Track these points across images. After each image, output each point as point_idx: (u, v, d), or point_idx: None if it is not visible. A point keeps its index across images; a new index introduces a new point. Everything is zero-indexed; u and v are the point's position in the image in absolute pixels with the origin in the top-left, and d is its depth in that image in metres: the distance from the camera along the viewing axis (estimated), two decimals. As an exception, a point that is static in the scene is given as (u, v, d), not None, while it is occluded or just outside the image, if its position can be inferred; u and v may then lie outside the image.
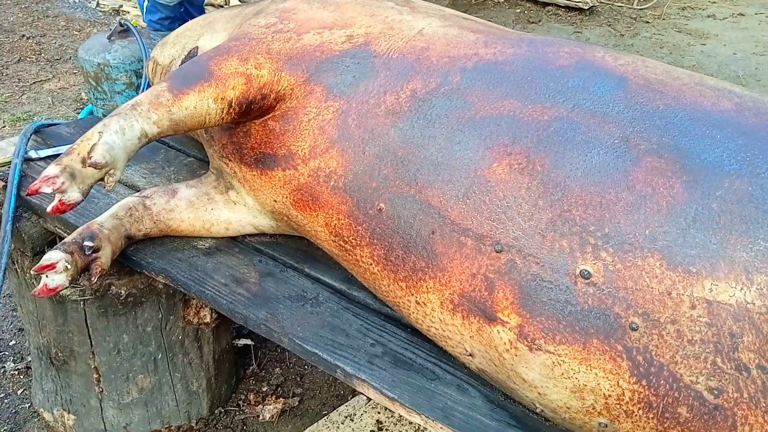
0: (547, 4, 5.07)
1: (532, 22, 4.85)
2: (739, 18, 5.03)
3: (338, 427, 1.74)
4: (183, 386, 1.66)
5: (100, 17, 4.62)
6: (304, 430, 1.73)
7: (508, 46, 1.12)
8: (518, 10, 5.08)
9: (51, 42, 4.20)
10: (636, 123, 0.94)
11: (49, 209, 1.05)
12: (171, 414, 1.67)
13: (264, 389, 1.88)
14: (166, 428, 1.69)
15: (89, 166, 1.06)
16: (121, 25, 2.67)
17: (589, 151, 0.92)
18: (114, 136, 1.09)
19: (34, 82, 3.65)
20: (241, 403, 1.83)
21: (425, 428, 1.68)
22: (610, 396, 0.85)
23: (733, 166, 0.87)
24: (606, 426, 0.89)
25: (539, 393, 0.92)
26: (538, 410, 0.97)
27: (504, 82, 1.05)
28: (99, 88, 2.70)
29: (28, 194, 1.05)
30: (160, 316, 1.53)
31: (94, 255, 1.20)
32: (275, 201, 1.24)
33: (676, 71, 1.05)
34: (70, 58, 3.95)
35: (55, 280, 1.15)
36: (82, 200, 1.08)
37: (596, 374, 0.85)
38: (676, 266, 0.82)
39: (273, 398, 1.85)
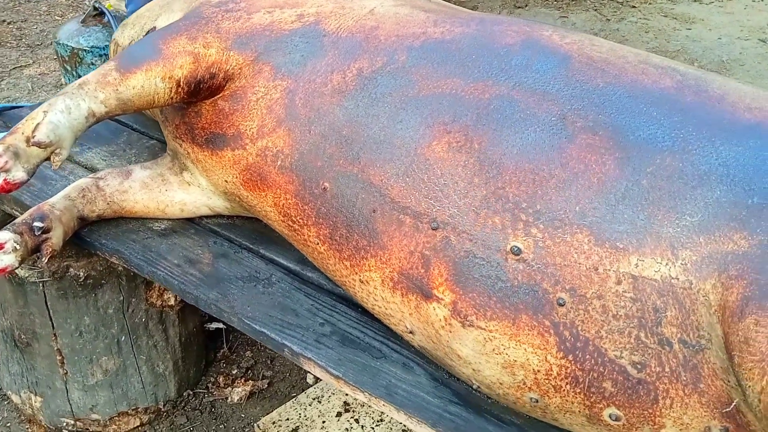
0: (534, -11, 5.04)
1: (519, 7, 4.82)
2: (725, 2, 5.00)
3: (305, 409, 1.75)
4: (149, 368, 1.67)
5: (83, 2, 4.58)
6: (272, 411, 1.74)
7: (458, 25, 1.12)
8: (505, -5, 5.05)
9: (32, 27, 4.16)
10: (574, 101, 0.94)
11: (-8, 188, 1.05)
12: (137, 396, 1.68)
13: (234, 372, 1.89)
14: (133, 410, 1.70)
15: (32, 145, 1.06)
16: (95, 8, 2.64)
17: (525, 129, 0.92)
18: (59, 115, 1.09)
19: (13, 68, 3.62)
20: (210, 385, 1.84)
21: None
22: (539, 371, 0.86)
23: (666, 143, 0.87)
24: (537, 401, 0.89)
25: (474, 369, 0.93)
26: (475, 387, 0.98)
27: (449, 61, 1.04)
28: (74, 73, 2.67)
29: None
30: (122, 298, 1.53)
31: (44, 236, 1.20)
32: (226, 181, 1.24)
33: (622, 50, 1.05)
34: (51, 44, 3.92)
35: (4, 260, 1.15)
36: (28, 179, 1.08)
37: (525, 350, 0.86)
38: (603, 242, 0.83)
39: (242, 381, 1.86)
